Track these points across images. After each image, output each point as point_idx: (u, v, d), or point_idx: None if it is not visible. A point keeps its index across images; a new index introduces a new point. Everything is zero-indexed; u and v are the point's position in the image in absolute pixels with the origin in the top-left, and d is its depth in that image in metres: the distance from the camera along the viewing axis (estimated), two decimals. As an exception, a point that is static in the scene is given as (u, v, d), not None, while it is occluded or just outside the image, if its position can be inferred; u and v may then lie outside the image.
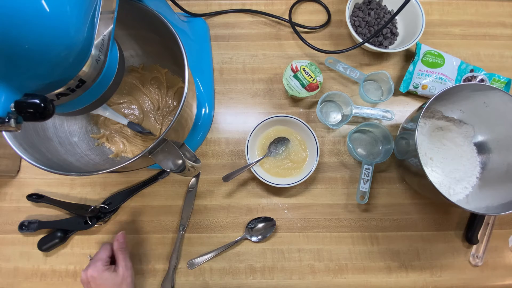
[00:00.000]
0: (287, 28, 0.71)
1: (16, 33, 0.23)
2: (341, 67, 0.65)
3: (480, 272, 0.60)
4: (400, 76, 0.68)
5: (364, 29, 0.67)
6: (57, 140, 0.51)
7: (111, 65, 0.35)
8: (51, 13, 0.25)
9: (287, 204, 0.62)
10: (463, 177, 0.59)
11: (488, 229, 0.61)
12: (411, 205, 0.63)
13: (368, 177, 0.60)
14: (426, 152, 0.60)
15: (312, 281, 0.59)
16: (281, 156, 0.62)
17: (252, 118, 0.66)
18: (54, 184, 0.63)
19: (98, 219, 0.60)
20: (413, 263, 0.60)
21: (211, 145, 0.65)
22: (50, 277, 0.59)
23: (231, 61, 0.69)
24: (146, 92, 0.62)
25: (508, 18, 0.72)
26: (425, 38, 0.69)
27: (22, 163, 0.64)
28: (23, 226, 0.59)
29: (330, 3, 0.72)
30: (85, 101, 0.35)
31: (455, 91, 0.53)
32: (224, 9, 0.71)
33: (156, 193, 0.63)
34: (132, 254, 0.60)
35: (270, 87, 0.67)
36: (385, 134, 0.61)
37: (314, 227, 0.61)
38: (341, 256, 0.60)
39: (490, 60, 0.69)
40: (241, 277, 0.59)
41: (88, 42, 0.30)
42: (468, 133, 0.62)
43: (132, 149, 0.59)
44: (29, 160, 0.41)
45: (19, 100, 0.26)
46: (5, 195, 0.62)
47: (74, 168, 0.48)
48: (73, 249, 0.60)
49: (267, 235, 0.60)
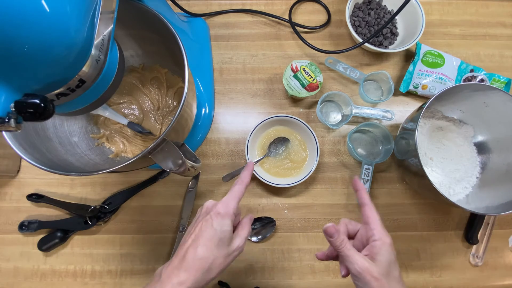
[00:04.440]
0: (287, 28, 0.71)
1: (16, 33, 0.23)
2: (341, 67, 0.65)
3: (480, 272, 0.60)
4: (400, 76, 0.68)
5: (364, 29, 0.67)
6: (57, 140, 0.51)
7: (111, 65, 0.35)
8: (51, 13, 0.25)
9: (287, 204, 0.62)
10: (463, 177, 0.59)
11: (488, 229, 0.61)
12: (411, 205, 0.63)
13: (368, 177, 0.60)
14: (426, 152, 0.60)
15: (312, 281, 0.59)
16: (281, 156, 0.62)
17: (252, 118, 0.66)
18: (54, 184, 0.63)
19: (98, 219, 0.60)
20: (413, 263, 0.60)
21: (211, 145, 0.65)
22: (50, 277, 0.59)
23: (231, 61, 0.69)
24: (146, 92, 0.62)
25: (508, 18, 0.72)
26: (425, 38, 0.69)
27: (22, 163, 0.64)
28: (23, 226, 0.59)
29: (330, 3, 0.72)
30: (85, 101, 0.35)
31: (455, 91, 0.53)
32: (224, 9, 0.71)
33: (156, 193, 0.63)
34: (132, 254, 0.60)
35: (270, 87, 0.68)
36: (385, 134, 0.61)
37: (314, 227, 0.61)
38: (341, 256, 0.60)
39: (490, 60, 0.69)
40: (241, 277, 0.59)
41: (88, 42, 0.30)
42: (468, 133, 0.62)
43: (132, 149, 0.59)
44: (29, 160, 0.41)
45: (19, 100, 0.26)
46: (5, 195, 0.62)
47: (74, 168, 0.48)
48: (73, 249, 0.60)
49: (267, 235, 0.60)
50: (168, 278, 0.34)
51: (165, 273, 0.34)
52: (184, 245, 0.36)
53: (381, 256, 0.37)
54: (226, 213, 0.37)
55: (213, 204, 0.39)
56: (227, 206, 0.38)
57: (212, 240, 0.36)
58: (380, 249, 0.37)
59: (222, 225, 0.37)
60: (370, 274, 0.35)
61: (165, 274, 0.34)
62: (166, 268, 0.35)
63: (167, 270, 0.34)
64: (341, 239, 0.39)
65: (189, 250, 0.35)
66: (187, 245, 0.36)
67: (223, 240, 0.37)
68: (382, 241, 0.38)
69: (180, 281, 0.33)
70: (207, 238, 0.36)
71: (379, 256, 0.37)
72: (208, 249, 0.35)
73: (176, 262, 0.35)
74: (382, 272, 0.36)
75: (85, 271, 0.59)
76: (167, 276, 0.34)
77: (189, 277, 0.33)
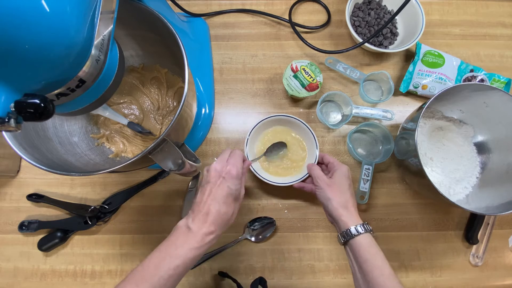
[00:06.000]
0: (287, 28, 0.71)
1: (16, 33, 0.23)
2: (341, 67, 0.65)
3: (480, 272, 0.60)
4: (400, 76, 0.68)
5: (364, 29, 0.67)
6: (57, 140, 0.51)
7: (111, 65, 0.35)
8: (51, 13, 0.24)
9: (287, 204, 0.62)
10: (463, 177, 0.59)
11: (488, 229, 0.61)
12: (411, 205, 0.63)
13: (368, 177, 0.60)
14: (426, 152, 0.60)
15: (312, 281, 0.59)
16: (279, 156, 0.62)
17: (252, 118, 0.66)
18: (54, 184, 0.63)
19: (98, 219, 0.60)
20: (413, 263, 0.60)
21: (211, 145, 0.65)
22: (50, 277, 0.59)
23: (231, 61, 0.69)
24: (146, 92, 0.62)
25: (508, 18, 0.72)
26: (425, 38, 0.69)
27: (22, 163, 0.64)
28: (23, 226, 0.59)
29: (330, 3, 0.72)
30: (85, 101, 0.35)
31: (455, 91, 0.53)
32: (224, 9, 0.71)
33: (156, 193, 0.63)
34: (132, 254, 0.60)
35: (270, 87, 0.67)
36: (385, 134, 0.61)
37: (314, 227, 0.61)
38: (341, 256, 0.60)
39: (490, 60, 0.69)
40: (241, 277, 0.59)
41: (88, 42, 0.30)
42: (468, 133, 0.62)
43: (132, 149, 0.59)
44: (29, 160, 0.41)
45: (19, 100, 0.26)
46: (5, 195, 0.62)
47: (74, 168, 0.48)
48: (73, 249, 0.60)
49: (267, 235, 0.60)
50: (200, 229, 0.40)
51: (195, 225, 0.40)
52: (203, 203, 0.42)
53: (335, 173, 0.52)
54: (237, 174, 0.44)
55: (222, 166, 0.45)
56: (237, 169, 0.45)
57: (229, 197, 0.43)
58: (335, 170, 0.52)
59: (235, 185, 0.44)
60: (324, 181, 0.51)
61: (195, 226, 0.40)
62: (193, 222, 0.41)
63: (195, 223, 0.40)
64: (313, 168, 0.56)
65: (211, 207, 0.41)
66: (208, 203, 0.42)
67: (237, 196, 0.45)
68: (338, 166, 0.53)
69: (210, 231, 0.40)
70: (225, 196, 0.43)
71: (334, 173, 0.52)
72: (228, 205, 0.43)
73: (202, 217, 0.41)
74: (334, 181, 0.51)
75: (85, 271, 0.59)
76: (198, 227, 0.40)
77: (217, 227, 0.41)
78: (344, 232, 0.46)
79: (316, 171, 0.54)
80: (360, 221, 0.47)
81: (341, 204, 0.48)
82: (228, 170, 0.44)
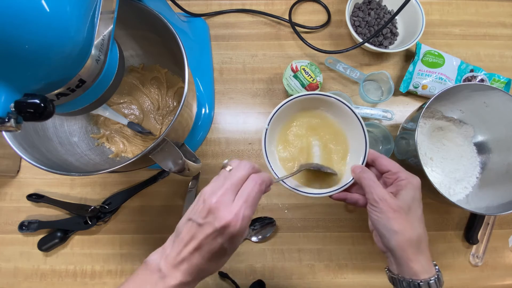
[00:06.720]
0: (287, 28, 0.71)
1: (16, 33, 0.23)
2: (341, 67, 0.65)
3: (480, 272, 0.60)
4: (400, 76, 0.68)
5: (364, 29, 0.67)
6: (57, 140, 0.51)
7: (111, 65, 0.35)
8: (51, 13, 0.25)
9: (287, 204, 0.62)
10: (463, 177, 0.59)
11: (488, 229, 0.61)
12: (411, 205, 0.62)
13: (368, 177, 0.60)
14: (426, 152, 0.60)
15: (312, 281, 0.59)
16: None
17: (252, 118, 0.66)
18: (54, 184, 0.63)
19: (98, 219, 0.60)
20: (413, 263, 0.60)
21: (211, 145, 0.65)
22: (50, 277, 0.59)
23: (231, 61, 0.69)
24: (146, 92, 0.62)
25: (508, 18, 0.72)
26: (425, 38, 0.69)
27: (22, 163, 0.64)
28: (23, 226, 0.59)
29: (330, 3, 0.72)
30: (85, 101, 0.35)
31: (455, 91, 0.53)
32: (224, 9, 0.71)
33: (156, 193, 0.63)
34: (132, 254, 0.60)
35: (270, 87, 0.67)
36: (385, 134, 0.61)
37: (314, 227, 0.61)
38: (341, 256, 0.60)
39: (490, 60, 0.69)
40: (241, 277, 0.59)
41: (88, 42, 0.30)
42: (468, 133, 0.62)
43: (132, 149, 0.59)
44: (29, 160, 0.41)
45: (19, 100, 0.26)
46: (5, 195, 0.62)
47: (74, 168, 0.48)
48: (73, 249, 0.60)
49: (267, 235, 0.60)
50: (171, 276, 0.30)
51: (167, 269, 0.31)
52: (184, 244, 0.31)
53: (404, 192, 0.36)
54: (245, 228, 0.30)
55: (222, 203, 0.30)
56: (248, 218, 0.30)
57: (221, 257, 0.31)
58: (405, 186, 0.37)
59: (235, 244, 0.31)
60: (388, 205, 0.35)
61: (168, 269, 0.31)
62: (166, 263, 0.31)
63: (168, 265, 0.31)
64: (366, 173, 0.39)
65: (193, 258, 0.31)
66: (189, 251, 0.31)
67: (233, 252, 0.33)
68: (408, 181, 0.37)
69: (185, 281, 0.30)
70: (215, 255, 0.30)
71: (403, 192, 0.36)
72: (216, 264, 0.32)
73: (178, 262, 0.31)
74: (402, 206, 0.36)
75: (85, 271, 0.59)
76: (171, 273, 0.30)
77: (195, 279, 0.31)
78: (410, 281, 0.35)
79: (375, 185, 0.37)
80: (434, 269, 0.36)
81: (412, 243, 0.35)
82: (231, 221, 0.29)
